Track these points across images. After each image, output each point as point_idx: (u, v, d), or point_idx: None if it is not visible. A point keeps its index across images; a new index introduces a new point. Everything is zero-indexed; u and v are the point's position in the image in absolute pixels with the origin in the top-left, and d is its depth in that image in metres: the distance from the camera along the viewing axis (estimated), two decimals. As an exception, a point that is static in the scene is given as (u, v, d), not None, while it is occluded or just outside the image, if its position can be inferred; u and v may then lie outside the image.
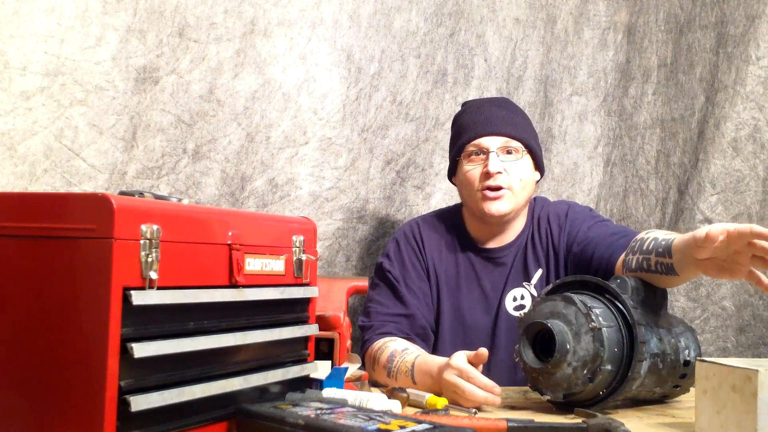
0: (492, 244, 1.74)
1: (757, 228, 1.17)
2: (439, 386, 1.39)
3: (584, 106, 2.35)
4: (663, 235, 1.42)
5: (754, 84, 2.13)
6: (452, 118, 1.83)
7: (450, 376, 1.36)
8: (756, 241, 1.18)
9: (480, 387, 1.32)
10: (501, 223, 1.70)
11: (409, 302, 1.68)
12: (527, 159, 1.69)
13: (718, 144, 2.15)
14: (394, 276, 1.70)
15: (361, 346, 1.68)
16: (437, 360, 1.45)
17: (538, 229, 1.73)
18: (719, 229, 1.19)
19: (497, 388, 1.32)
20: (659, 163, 2.29)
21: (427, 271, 1.72)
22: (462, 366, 1.35)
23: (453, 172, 1.76)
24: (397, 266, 1.71)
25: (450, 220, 1.78)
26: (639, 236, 1.48)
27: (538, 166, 1.73)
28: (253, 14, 1.87)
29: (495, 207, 1.65)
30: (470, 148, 1.68)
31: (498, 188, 1.64)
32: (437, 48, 2.16)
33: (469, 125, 1.71)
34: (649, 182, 2.30)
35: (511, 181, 1.65)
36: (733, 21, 2.18)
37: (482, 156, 1.67)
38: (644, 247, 1.42)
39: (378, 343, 1.61)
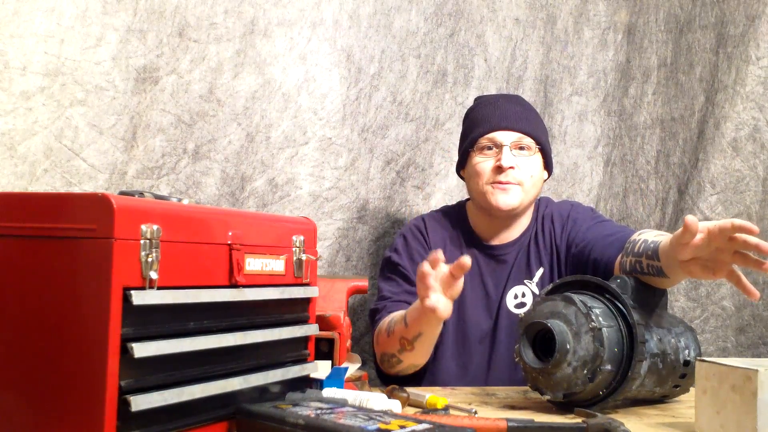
0: (496, 241, 1.75)
1: (737, 221, 1.15)
2: (420, 310, 1.43)
3: (584, 106, 2.35)
4: (653, 237, 1.42)
5: (754, 84, 2.13)
6: (464, 113, 1.83)
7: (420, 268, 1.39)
8: (737, 234, 1.15)
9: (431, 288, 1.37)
10: (507, 217, 1.71)
11: None
12: (538, 157, 1.70)
13: (718, 144, 2.15)
14: (404, 267, 1.71)
15: (372, 328, 1.68)
16: None
17: (542, 228, 1.74)
18: (700, 225, 1.18)
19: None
20: (659, 163, 2.29)
21: None
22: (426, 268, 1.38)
23: (462, 166, 1.77)
24: (406, 258, 1.72)
25: (454, 216, 1.79)
26: (633, 237, 1.48)
27: (547, 165, 1.74)
28: (253, 14, 1.87)
29: (503, 200, 1.66)
30: (483, 141, 1.69)
31: (508, 183, 1.65)
32: (437, 48, 2.16)
33: (484, 119, 1.71)
34: (649, 182, 2.29)
35: (521, 176, 1.66)
36: (733, 21, 2.18)
37: (495, 150, 1.68)
38: (635, 250, 1.42)
39: (386, 319, 1.62)
